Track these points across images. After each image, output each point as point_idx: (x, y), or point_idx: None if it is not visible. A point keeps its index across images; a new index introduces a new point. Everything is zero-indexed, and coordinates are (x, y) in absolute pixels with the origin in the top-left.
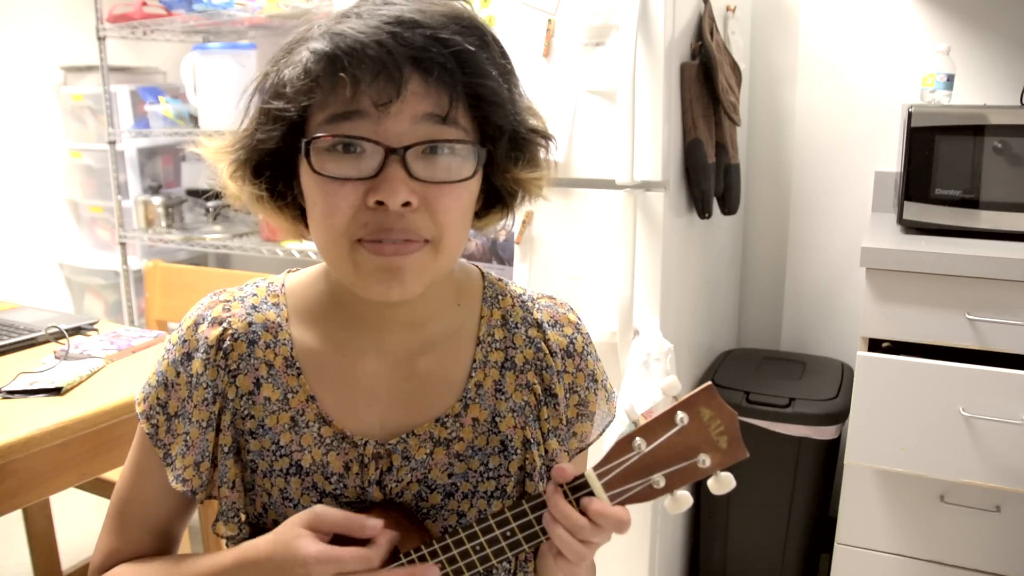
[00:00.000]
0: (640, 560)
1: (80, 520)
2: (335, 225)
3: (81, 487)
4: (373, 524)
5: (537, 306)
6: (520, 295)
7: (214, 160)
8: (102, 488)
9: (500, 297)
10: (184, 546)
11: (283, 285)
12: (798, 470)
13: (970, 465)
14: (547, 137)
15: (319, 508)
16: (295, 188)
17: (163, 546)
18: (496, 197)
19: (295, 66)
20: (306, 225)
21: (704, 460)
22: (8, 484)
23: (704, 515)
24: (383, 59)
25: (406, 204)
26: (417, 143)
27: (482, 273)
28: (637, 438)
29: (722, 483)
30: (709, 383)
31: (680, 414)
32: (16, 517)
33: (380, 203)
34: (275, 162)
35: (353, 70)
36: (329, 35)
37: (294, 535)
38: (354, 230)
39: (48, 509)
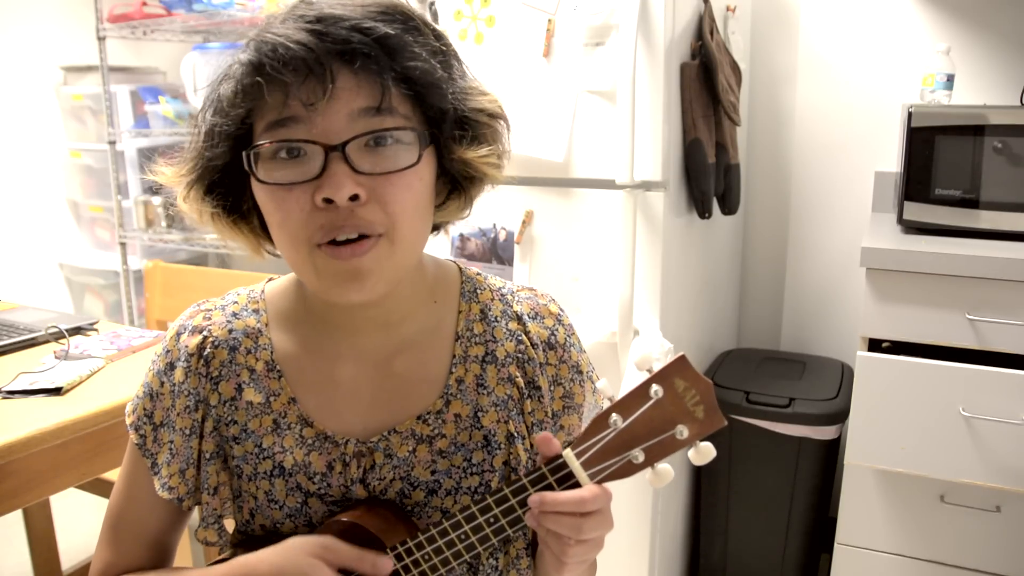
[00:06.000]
0: (640, 560)
1: (80, 520)
2: (291, 230)
3: (81, 487)
4: (384, 564)
5: (517, 299)
6: (499, 288)
7: (173, 184)
8: (102, 488)
9: (478, 291)
10: (184, 546)
11: (263, 292)
12: (798, 470)
13: (970, 465)
14: (495, 116)
15: (329, 541)
16: (249, 201)
17: (158, 557)
18: (454, 184)
19: (229, 81)
20: (266, 237)
21: (682, 431)
22: (8, 484)
23: (704, 515)
24: (305, 58)
25: (355, 198)
26: (355, 136)
27: (459, 268)
28: (613, 414)
29: (702, 453)
30: (681, 353)
31: (654, 387)
32: (16, 517)
33: (328, 200)
34: (226, 178)
35: (277, 74)
36: (254, 44)
37: (307, 564)
38: (310, 233)
39: (48, 509)
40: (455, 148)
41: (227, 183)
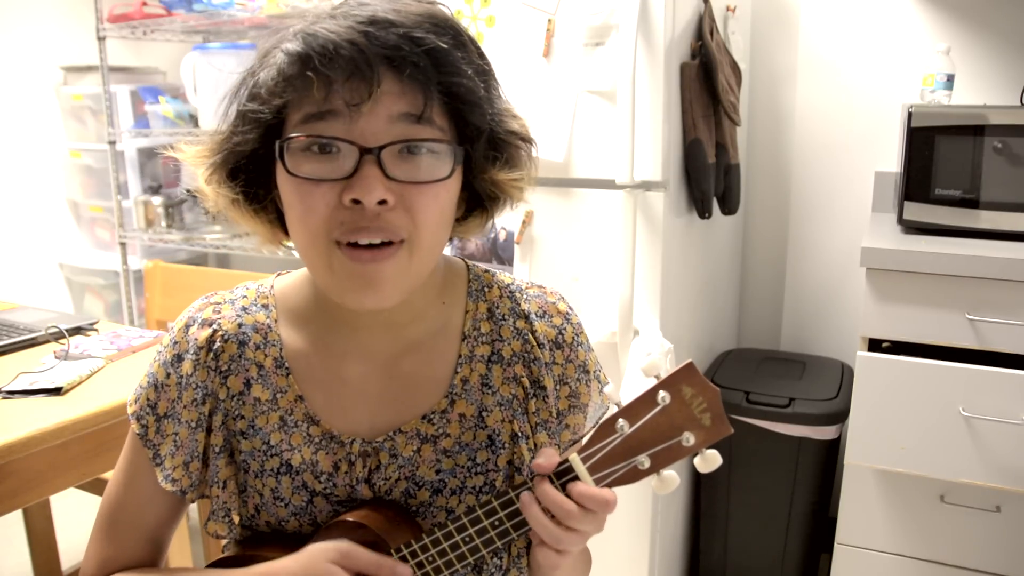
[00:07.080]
0: (640, 560)
1: (80, 520)
2: (312, 225)
3: (81, 487)
4: (403, 571)
5: (525, 296)
6: (508, 285)
7: (194, 165)
8: (102, 488)
9: (486, 289)
10: (184, 545)
11: (272, 287)
12: (798, 470)
13: (970, 465)
14: (526, 140)
15: (346, 547)
16: (271, 191)
17: (154, 552)
18: (477, 201)
19: (269, 68)
20: (283, 229)
21: (688, 438)
22: (8, 484)
23: (704, 515)
24: (355, 58)
25: (383, 202)
26: (392, 142)
27: (467, 266)
28: (620, 420)
29: (708, 460)
30: (689, 360)
31: (661, 393)
32: (16, 517)
33: (356, 201)
34: (251, 165)
35: (325, 70)
36: (302, 36)
37: (326, 571)
38: (331, 228)
39: (48, 509)
40: (487, 168)
41: (251, 170)
